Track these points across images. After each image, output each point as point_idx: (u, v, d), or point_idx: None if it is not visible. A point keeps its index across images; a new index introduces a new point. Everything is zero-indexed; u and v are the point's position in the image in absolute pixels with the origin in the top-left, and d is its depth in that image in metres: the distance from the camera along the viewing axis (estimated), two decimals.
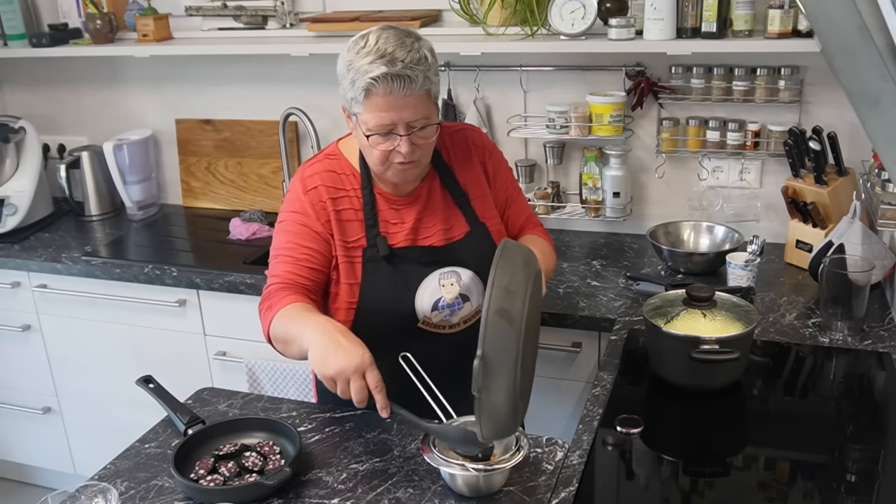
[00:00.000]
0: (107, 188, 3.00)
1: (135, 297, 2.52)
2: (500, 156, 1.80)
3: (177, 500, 1.41)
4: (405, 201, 1.67)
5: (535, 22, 2.35)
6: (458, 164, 1.72)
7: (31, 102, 3.19)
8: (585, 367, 2.11)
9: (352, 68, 1.49)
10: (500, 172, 1.78)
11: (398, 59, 1.46)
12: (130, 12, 2.85)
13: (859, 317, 1.86)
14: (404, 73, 1.46)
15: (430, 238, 1.66)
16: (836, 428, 1.55)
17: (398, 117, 1.49)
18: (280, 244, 1.65)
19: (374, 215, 1.64)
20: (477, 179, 1.72)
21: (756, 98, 2.29)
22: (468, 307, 1.68)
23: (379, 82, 1.46)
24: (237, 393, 1.76)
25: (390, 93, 1.47)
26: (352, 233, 1.64)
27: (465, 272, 1.66)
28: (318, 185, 1.64)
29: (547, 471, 1.43)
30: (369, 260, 1.63)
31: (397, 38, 1.50)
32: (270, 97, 2.84)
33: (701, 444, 1.47)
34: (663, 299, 1.74)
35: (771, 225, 2.40)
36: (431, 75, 1.52)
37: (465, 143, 1.74)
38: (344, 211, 1.64)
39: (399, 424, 1.59)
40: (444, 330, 1.67)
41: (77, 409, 2.82)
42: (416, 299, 1.63)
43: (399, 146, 1.52)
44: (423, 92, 1.50)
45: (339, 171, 1.67)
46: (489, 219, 1.72)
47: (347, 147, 1.70)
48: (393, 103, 1.48)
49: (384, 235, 1.64)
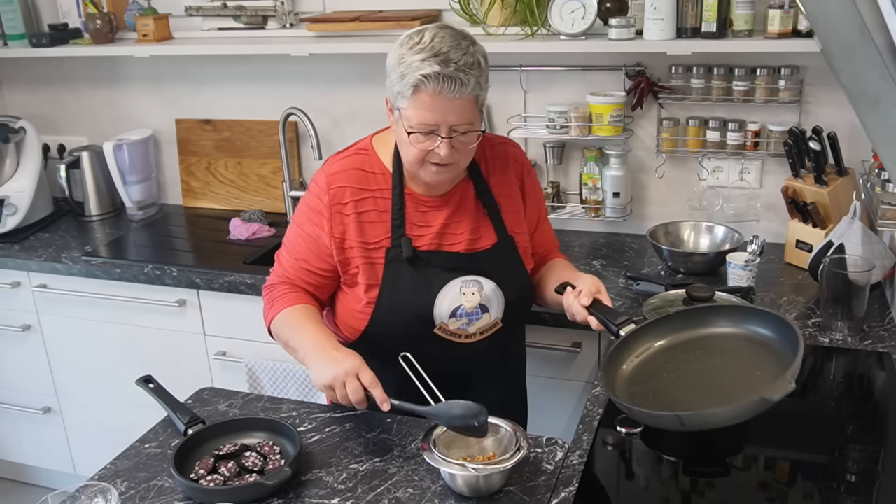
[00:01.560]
0: (107, 188, 3.00)
1: (135, 297, 2.52)
2: (535, 175, 1.79)
3: (177, 500, 1.41)
4: (434, 204, 1.65)
5: (535, 22, 2.35)
6: (495, 175, 1.70)
7: (31, 102, 3.19)
8: (585, 367, 2.11)
9: (403, 62, 1.47)
10: (533, 192, 1.77)
11: (452, 60, 1.44)
12: (130, 12, 2.85)
13: (859, 317, 1.86)
14: (456, 76, 1.44)
15: (456, 245, 1.65)
16: (836, 428, 1.55)
17: (442, 119, 1.48)
18: (292, 235, 1.71)
19: (402, 216, 1.62)
20: (511, 193, 1.71)
21: (756, 98, 2.29)
22: (486, 318, 1.66)
23: (429, 81, 1.44)
24: (237, 393, 1.76)
25: (439, 93, 1.45)
26: (374, 234, 1.62)
27: (487, 283, 1.64)
28: (344, 185, 1.62)
29: (547, 471, 1.43)
30: (392, 260, 1.62)
31: (453, 38, 1.48)
32: (270, 97, 2.84)
33: (701, 444, 1.47)
34: (663, 299, 1.75)
35: (771, 225, 2.40)
36: (482, 81, 1.50)
37: (504, 156, 1.72)
38: (367, 212, 1.62)
39: (399, 424, 1.59)
40: (459, 339, 1.66)
41: (77, 409, 2.82)
42: (436, 305, 1.62)
43: (438, 148, 1.50)
44: (471, 97, 1.49)
45: (368, 170, 1.64)
46: (518, 234, 1.70)
47: (381, 143, 1.67)
48: (440, 104, 1.46)
49: (409, 237, 1.62)
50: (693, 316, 1.57)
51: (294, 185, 2.85)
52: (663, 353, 1.54)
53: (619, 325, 1.51)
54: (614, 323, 1.52)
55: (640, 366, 1.52)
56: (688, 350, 1.52)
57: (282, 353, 2.43)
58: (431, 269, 1.63)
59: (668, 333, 1.55)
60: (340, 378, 1.44)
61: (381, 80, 1.53)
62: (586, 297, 1.57)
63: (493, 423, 1.45)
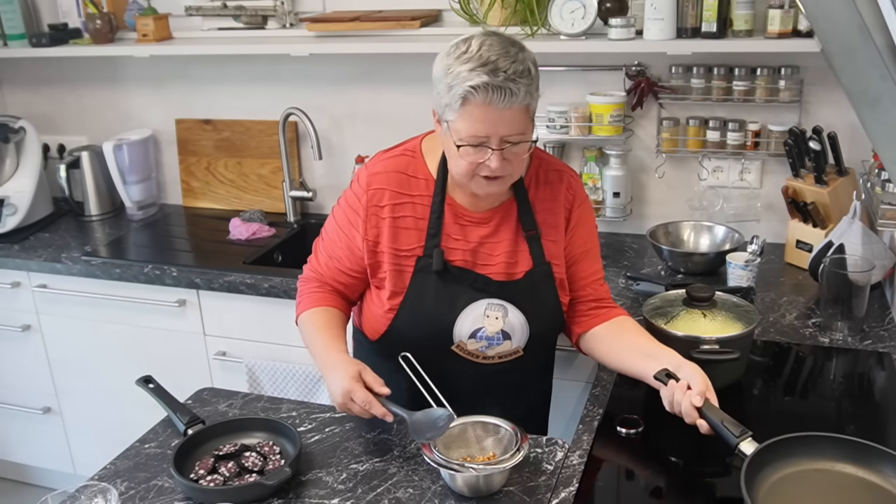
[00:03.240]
0: (107, 188, 3.00)
1: (135, 297, 2.52)
2: (589, 208, 1.70)
3: (177, 500, 1.41)
4: (475, 219, 1.59)
5: (535, 22, 2.35)
6: (542, 202, 1.62)
7: (31, 102, 3.19)
8: (585, 367, 2.10)
9: (450, 73, 1.41)
10: (582, 225, 1.67)
11: (501, 70, 1.38)
12: (130, 12, 2.85)
13: (859, 317, 1.86)
14: (506, 86, 1.38)
15: (491, 267, 1.59)
16: (836, 428, 1.54)
17: (493, 130, 1.41)
18: (330, 229, 1.69)
19: (439, 226, 1.57)
20: (555, 223, 1.63)
21: (756, 98, 2.29)
22: (507, 345, 1.61)
23: (478, 91, 1.38)
24: (237, 393, 1.76)
25: (489, 104, 1.39)
26: (407, 241, 1.58)
27: (513, 310, 1.59)
28: (383, 188, 1.59)
29: (547, 471, 1.43)
30: (420, 270, 1.58)
31: (501, 46, 1.41)
32: (270, 97, 2.84)
33: (701, 444, 1.47)
34: (663, 299, 1.74)
35: (771, 225, 2.40)
36: (533, 90, 1.43)
37: (557, 183, 1.64)
38: (403, 218, 1.58)
39: (399, 424, 1.59)
40: (476, 359, 1.62)
41: (77, 409, 2.82)
42: (457, 322, 1.58)
43: (489, 160, 1.44)
44: (522, 106, 1.42)
45: (411, 174, 1.59)
46: (556, 265, 1.63)
47: (430, 147, 1.61)
48: (490, 115, 1.40)
49: (442, 249, 1.57)
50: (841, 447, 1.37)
51: (294, 185, 2.85)
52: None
53: (738, 437, 1.35)
54: (734, 435, 1.36)
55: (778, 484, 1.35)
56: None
57: (282, 352, 2.44)
58: (459, 286, 1.58)
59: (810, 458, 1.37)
60: (347, 391, 1.45)
61: (381, 79, 1.53)
62: (698, 397, 1.41)
63: (494, 423, 1.45)
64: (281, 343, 2.38)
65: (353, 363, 1.50)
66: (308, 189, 2.84)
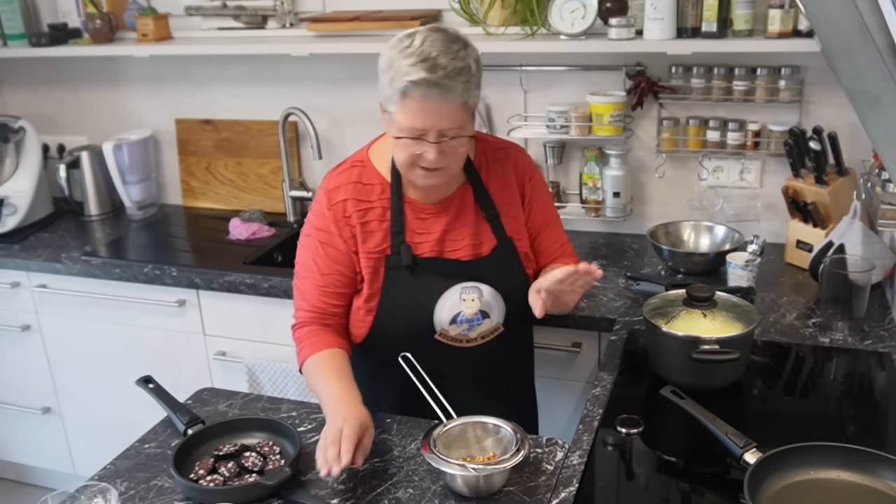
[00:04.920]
0: (106, 188, 3.00)
1: (135, 297, 2.52)
2: (541, 180, 1.76)
3: (177, 500, 1.41)
4: (433, 210, 1.64)
5: (535, 22, 2.35)
6: (494, 180, 1.68)
7: (30, 102, 3.19)
8: (585, 367, 2.10)
9: (392, 67, 1.46)
10: (538, 197, 1.74)
11: (440, 66, 1.42)
12: (130, 12, 2.85)
13: (859, 317, 1.86)
14: (443, 82, 1.42)
15: (458, 252, 1.64)
16: (836, 428, 1.55)
17: (431, 124, 1.46)
18: (305, 262, 1.65)
19: (401, 223, 1.62)
20: (510, 199, 1.69)
21: (756, 98, 2.29)
22: (487, 323, 1.66)
23: (416, 87, 1.43)
24: (237, 393, 1.76)
25: (426, 99, 1.44)
26: (375, 242, 1.62)
27: (486, 288, 1.64)
28: (345, 199, 1.62)
29: (547, 471, 1.43)
30: (392, 268, 1.62)
31: (443, 42, 1.45)
32: (270, 97, 2.84)
33: (701, 444, 1.47)
34: (663, 299, 1.74)
35: (771, 225, 2.40)
36: (472, 87, 1.48)
37: (505, 161, 1.70)
38: (369, 222, 1.62)
39: (399, 424, 1.59)
40: (461, 343, 1.66)
41: (77, 409, 2.82)
42: (436, 311, 1.62)
43: (427, 152, 1.49)
44: (460, 102, 1.47)
45: (366, 182, 1.64)
46: (518, 238, 1.69)
47: (377, 154, 1.66)
48: (427, 110, 1.45)
49: (409, 245, 1.62)
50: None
51: (294, 185, 2.85)
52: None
53: (742, 448, 1.36)
54: (739, 446, 1.36)
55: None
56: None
57: (281, 353, 2.44)
58: (431, 276, 1.62)
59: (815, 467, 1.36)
60: (330, 437, 1.37)
61: None
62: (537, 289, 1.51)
63: (494, 423, 1.45)
64: (281, 343, 2.38)
65: (366, 415, 1.44)
66: (308, 189, 2.84)
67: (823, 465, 1.34)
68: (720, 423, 1.42)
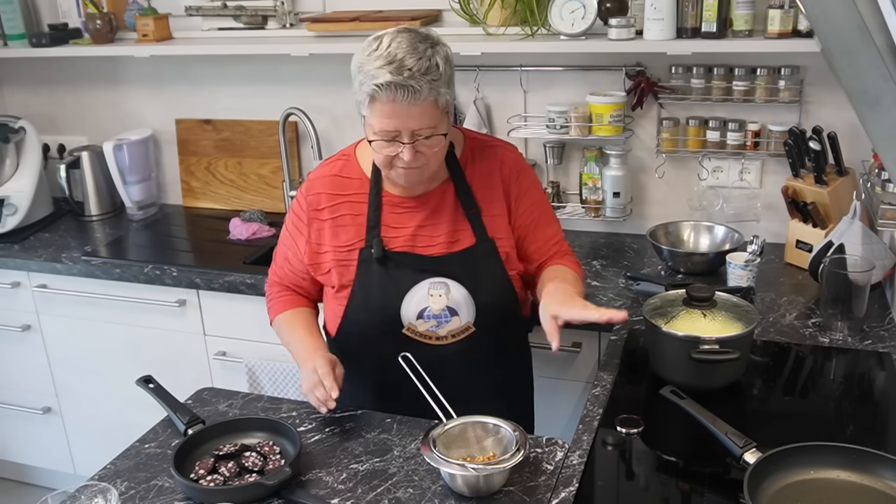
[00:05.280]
0: (107, 188, 3.00)
1: (135, 297, 2.52)
2: (531, 179, 1.72)
3: (177, 500, 1.41)
4: (411, 205, 1.65)
5: (535, 22, 2.35)
6: (479, 178, 1.67)
7: (31, 102, 3.19)
8: (585, 367, 2.11)
9: (361, 71, 1.47)
10: (526, 195, 1.70)
11: (406, 67, 1.42)
12: (130, 12, 2.85)
13: (859, 317, 1.86)
14: (408, 83, 1.42)
15: (431, 248, 1.64)
16: (836, 428, 1.55)
17: (402, 125, 1.47)
18: (282, 237, 1.77)
19: (377, 217, 1.64)
20: (493, 197, 1.67)
21: (756, 98, 2.29)
22: (456, 321, 1.65)
23: (382, 90, 1.43)
24: (237, 393, 1.76)
25: (394, 101, 1.44)
26: (347, 237, 1.65)
27: (455, 286, 1.63)
28: (319, 192, 1.68)
29: (547, 471, 1.43)
30: (364, 261, 1.64)
31: (410, 43, 1.45)
32: (270, 97, 2.84)
33: (701, 444, 1.47)
34: (663, 299, 1.74)
35: (771, 225, 2.40)
36: (440, 85, 1.46)
37: (492, 159, 1.68)
38: (342, 216, 1.66)
39: (399, 424, 1.60)
40: (430, 340, 1.65)
41: (77, 409, 2.82)
42: (403, 305, 1.62)
43: (402, 153, 1.50)
44: (429, 102, 1.46)
45: (346, 175, 1.67)
46: (500, 238, 1.66)
47: (364, 149, 1.68)
48: (397, 111, 1.45)
49: (381, 238, 1.63)
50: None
51: (294, 185, 2.85)
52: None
53: (742, 448, 1.36)
54: (738, 446, 1.36)
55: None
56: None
57: (282, 353, 2.44)
58: (401, 271, 1.63)
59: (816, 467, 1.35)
60: (310, 382, 1.54)
61: None
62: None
63: (494, 423, 1.45)
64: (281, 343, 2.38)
65: (329, 355, 1.60)
66: None
67: (823, 465, 1.34)
68: (720, 422, 1.42)
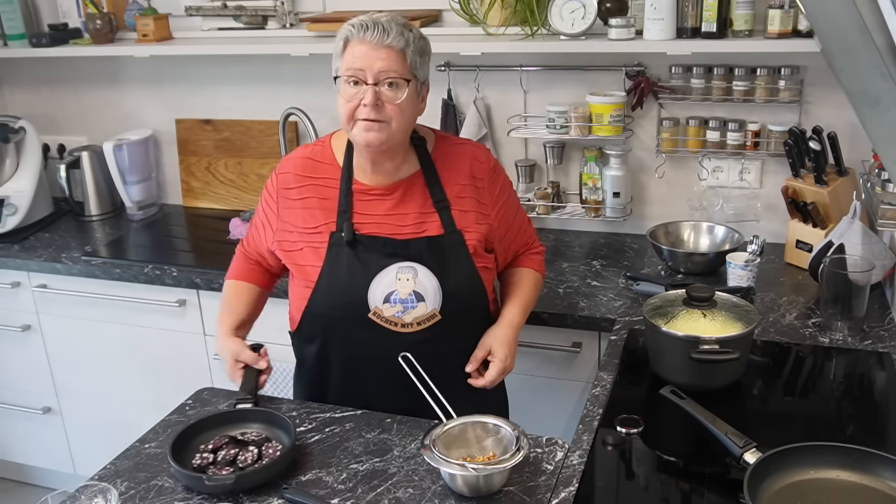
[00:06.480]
0: (107, 188, 3.00)
1: (135, 297, 2.52)
2: (504, 178, 1.79)
3: (177, 500, 1.41)
4: (379, 193, 1.67)
5: (535, 22, 2.35)
6: (448, 174, 1.71)
7: (31, 102, 3.19)
8: (585, 367, 2.11)
9: (340, 34, 1.59)
10: (501, 194, 1.76)
11: (379, 21, 1.56)
12: (130, 12, 2.85)
13: (859, 317, 1.86)
14: (379, 23, 1.54)
15: (400, 234, 1.66)
16: (836, 428, 1.55)
17: (368, 65, 1.54)
18: (256, 211, 1.83)
19: (349, 203, 1.67)
20: (462, 193, 1.70)
21: (756, 98, 2.29)
22: (422, 307, 1.64)
23: (355, 28, 1.56)
24: (237, 393, 1.75)
25: (364, 39, 1.54)
26: (314, 219, 1.68)
27: (422, 270, 1.64)
28: (289, 172, 1.73)
29: (547, 471, 1.43)
30: (334, 244, 1.66)
31: (389, 16, 1.59)
32: (270, 97, 2.84)
33: (701, 444, 1.47)
34: (663, 299, 1.75)
35: (771, 225, 2.40)
36: (411, 42, 1.56)
37: (462, 157, 1.73)
38: (308, 199, 1.69)
39: (399, 424, 1.60)
40: (396, 327, 1.65)
41: (77, 409, 2.82)
42: (370, 288, 1.63)
43: (364, 98, 1.55)
44: (397, 48, 1.55)
45: (318, 159, 1.73)
46: (468, 231, 1.69)
47: (339, 138, 1.74)
48: (366, 52, 1.54)
49: (352, 223, 1.66)
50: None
51: None
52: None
53: (742, 448, 1.36)
54: (738, 446, 1.36)
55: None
56: None
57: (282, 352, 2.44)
58: (370, 254, 1.65)
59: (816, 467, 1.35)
60: (233, 358, 1.70)
61: None
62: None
63: (494, 423, 1.45)
64: (281, 343, 2.37)
65: (233, 344, 1.71)
66: None
67: (823, 465, 1.34)
68: (720, 422, 1.42)
